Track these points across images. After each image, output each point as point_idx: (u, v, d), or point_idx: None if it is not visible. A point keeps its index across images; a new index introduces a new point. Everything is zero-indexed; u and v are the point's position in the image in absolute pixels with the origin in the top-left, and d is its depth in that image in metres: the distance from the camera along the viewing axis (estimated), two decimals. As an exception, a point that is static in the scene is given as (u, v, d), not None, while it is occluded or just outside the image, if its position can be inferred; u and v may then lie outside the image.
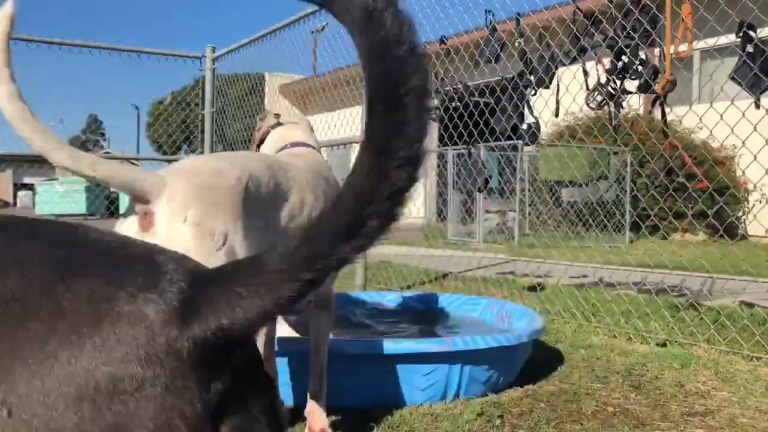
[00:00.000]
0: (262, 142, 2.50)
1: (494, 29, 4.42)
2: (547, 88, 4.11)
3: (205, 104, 7.66)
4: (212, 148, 7.76)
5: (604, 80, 3.85)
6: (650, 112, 3.83)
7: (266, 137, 2.49)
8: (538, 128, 4.26)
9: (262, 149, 2.47)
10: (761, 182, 3.49)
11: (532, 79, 4.12)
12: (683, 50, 3.47)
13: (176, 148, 12.38)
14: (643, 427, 2.41)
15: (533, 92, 4.19)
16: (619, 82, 3.80)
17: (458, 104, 4.80)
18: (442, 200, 13.45)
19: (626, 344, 3.67)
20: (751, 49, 3.13)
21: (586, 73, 3.98)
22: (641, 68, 3.70)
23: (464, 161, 10.44)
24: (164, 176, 1.49)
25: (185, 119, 8.99)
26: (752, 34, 3.14)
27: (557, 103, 4.21)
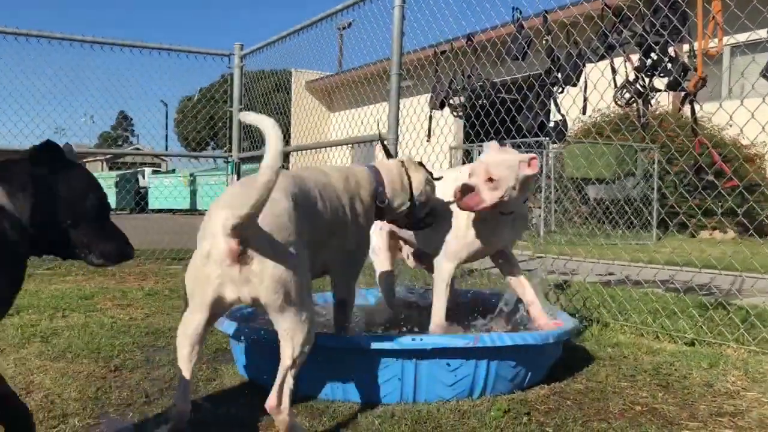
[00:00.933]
0: None
1: (521, 26, 4.41)
2: (574, 86, 4.09)
3: (233, 101, 7.74)
4: (239, 144, 7.84)
5: (632, 78, 3.82)
6: (680, 109, 3.78)
7: None
8: (565, 126, 4.24)
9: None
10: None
11: (559, 76, 4.11)
12: (713, 47, 3.44)
13: (203, 143, 12.52)
14: (671, 426, 2.40)
15: (560, 90, 4.18)
16: (647, 79, 3.77)
17: (485, 101, 4.81)
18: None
19: (654, 343, 3.65)
20: (783, 46, 3.09)
21: (614, 70, 3.96)
22: (670, 66, 3.67)
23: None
24: None
25: (212, 115, 9.09)
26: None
27: (585, 100, 4.19)
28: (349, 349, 2.62)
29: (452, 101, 5.00)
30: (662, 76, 3.71)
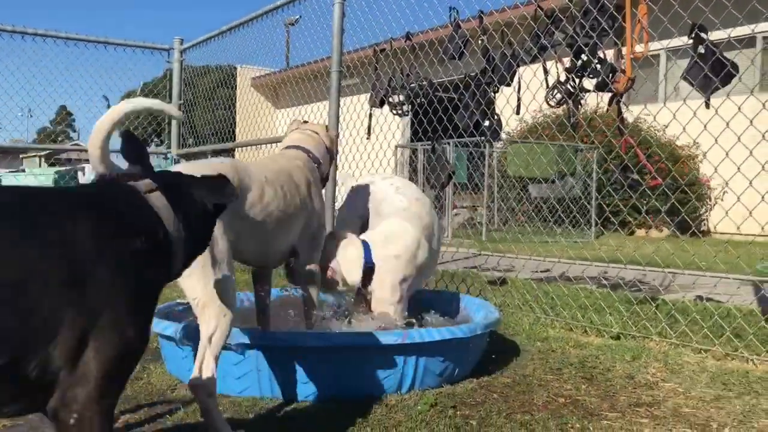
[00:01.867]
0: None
1: (458, 26, 4.47)
2: (508, 86, 4.17)
3: (172, 97, 7.61)
4: (180, 140, 7.71)
5: (563, 78, 3.92)
6: (607, 109, 3.90)
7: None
8: (500, 125, 4.31)
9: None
10: (715, 178, 3.57)
11: (494, 76, 4.18)
12: (640, 50, 3.55)
13: (149, 140, 12.26)
14: (591, 417, 2.48)
15: (495, 90, 4.25)
16: (578, 80, 3.87)
17: (423, 100, 4.85)
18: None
19: (582, 337, 3.75)
20: (702, 50, 3.22)
21: (546, 71, 4.05)
22: (599, 67, 3.77)
23: (429, 157, 10.53)
24: None
25: (153, 111, 8.90)
26: (703, 35, 3.23)
27: (518, 100, 4.28)
28: (282, 346, 2.62)
29: (391, 99, 5.03)
30: (591, 77, 3.81)
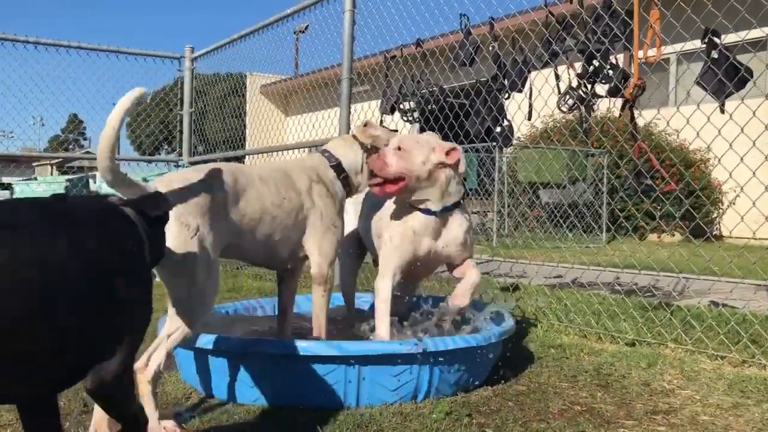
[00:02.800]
0: None
1: (469, 33, 4.47)
2: (520, 92, 4.16)
3: (183, 105, 7.65)
4: (191, 148, 7.75)
5: (575, 84, 3.90)
6: (620, 115, 3.89)
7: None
8: (511, 131, 4.30)
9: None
10: (729, 183, 3.55)
11: (505, 82, 4.17)
12: (652, 55, 3.53)
13: (156, 148, 12.32)
14: (608, 425, 2.46)
15: (506, 96, 4.24)
16: (590, 86, 3.86)
17: (434, 106, 4.86)
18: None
19: (596, 344, 3.73)
20: (715, 55, 3.20)
21: (557, 77, 4.04)
22: (611, 72, 3.76)
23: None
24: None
25: (164, 119, 8.96)
26: (716, 40, 3.21)
27: (530, 106, 4.27)
28: (292, 355, 2.62)
29: (402, 106, 5.04)
30: (604, 82, 3.80)
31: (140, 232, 1.71)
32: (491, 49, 4.31)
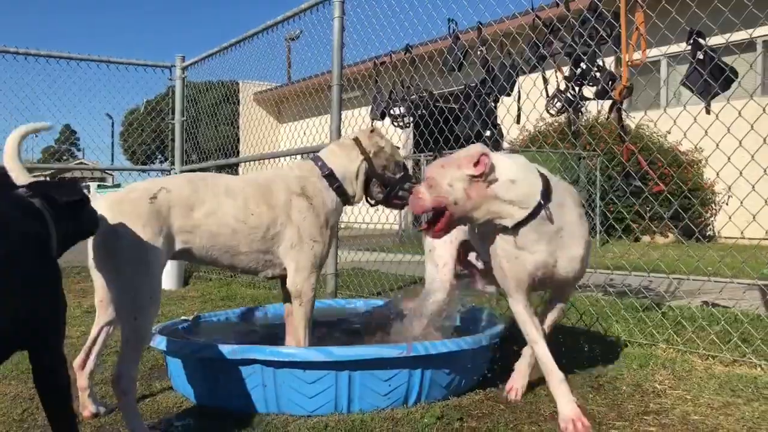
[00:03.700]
0: None
1: (457, 38, 4.49)
2: (508, 95, 4.18)
3: (175, 114, 7.65)
4: (183, 156, 7.74)
5: (563, 87, 3.92)
6: (608, 117, 3.91)
7: None
8: (500, 135, 4.32)
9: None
10: (718, 182, 3.56)
11: (494, 87, 4.19)
12: (637, 58, 3.56)
13: (149, 157, 12.30)
14: (599, 426, 2.46)
15: (495, 100, 4.26)
16: (577, 88, 3.88)
17: (424, 112, 4.87)
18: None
19: (588, 345, 3.73)
20: (701, 56, 3.22)
21: (545, 80, 4.06)
22: (599, 75, 3.78)
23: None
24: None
25: (156, 128, 8.96)
26: (701, 41, 3.23)
27: (519, 110, 4.28)
28: (281, 361, 2.62)
29: (393, 111, 5.05)
30: (591, 85, 3.81)
31: (46, 219, 1.90)
32: (479, 53, 4.33)
